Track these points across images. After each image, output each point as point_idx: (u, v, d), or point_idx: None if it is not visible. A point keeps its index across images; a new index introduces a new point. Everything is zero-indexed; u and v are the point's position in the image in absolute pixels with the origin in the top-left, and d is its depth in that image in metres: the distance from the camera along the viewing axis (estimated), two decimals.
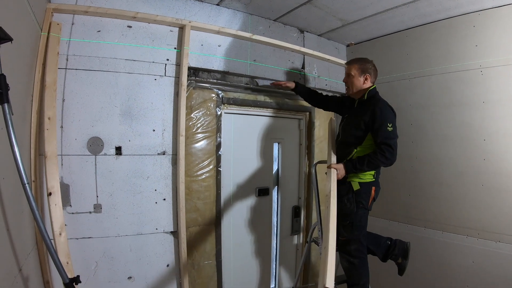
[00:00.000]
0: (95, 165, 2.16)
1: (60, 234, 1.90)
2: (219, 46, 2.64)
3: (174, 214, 2.40)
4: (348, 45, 3.60)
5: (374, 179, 2.28)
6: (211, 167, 2.60)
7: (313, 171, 2.68)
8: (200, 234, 2.57)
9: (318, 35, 3.33)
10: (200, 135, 2.57)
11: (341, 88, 3.23)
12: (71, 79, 2.10)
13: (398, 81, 3.14)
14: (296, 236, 3.38)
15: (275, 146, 3.26)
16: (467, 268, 2.63)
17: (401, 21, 2.92)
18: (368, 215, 2.33)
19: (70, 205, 2.09)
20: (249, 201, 3.02)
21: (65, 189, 2.06)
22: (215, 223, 2.64)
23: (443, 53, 2.80)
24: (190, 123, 2.53)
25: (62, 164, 2.07)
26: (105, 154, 2.19)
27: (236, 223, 2.94)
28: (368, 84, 2.33)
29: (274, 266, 3.28)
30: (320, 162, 2.72)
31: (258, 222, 3.09)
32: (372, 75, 2.33)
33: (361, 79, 2.32)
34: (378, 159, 2.12)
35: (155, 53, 2.37)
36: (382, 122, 2.13)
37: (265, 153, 3.13)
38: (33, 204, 1.36)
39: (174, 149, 2.41)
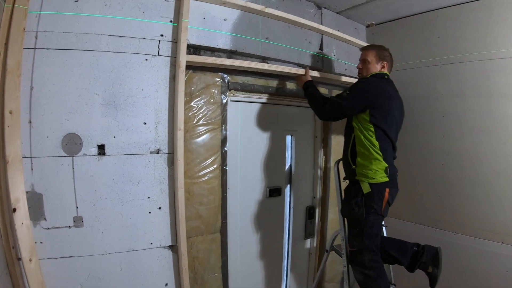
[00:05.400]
0: (73, 168, 1.76)
1: (30, 260, 1.52)
2: (224, 20, 2.22)
3: (172, 225, 2.03)
4: (368, 26, 3.25)
5: (387, 179, 1.96)
6: (215, 166, 2.22)
7: (335, 169, 2.41)
8: (203, 244, 2.22)
9: (337, 13, 2.95)
10: (202, 128, 2.17)
11: None
12: (41, 62, 1.69)
13: (427, 67, 2.83)
14: (309, 239, 3.08)
15: (288, 138, 2.91)
16: (501, 278, 2.43)
17: None
18: (382, 222, 2.08)
19: (45, 219, 1.70)
20: (259, 204, 2.68)
21: (37, 200, 1.67)
22: (221, 230, 2.29)
23: (482, 38, 2.52)
24: (190, 114, 2.13)
25: (32, 169, 1.66)
26: (84, 155, 1.78)
27: (244, 229, 2.61)
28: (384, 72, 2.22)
29: (285, 275, 2.99)
30: (342, 159, 2.41)
31: (269, 227, 2.78)
32: (389, 63, 2.23)
33: (378, 66, 2.21)
34: (318, 102, 2.20)
35: (146, 27, 1.94)
36: (348, 88, 2.17)
37: (277, 147, 2.78)
38: None
39: (171, 146, 2.02)
